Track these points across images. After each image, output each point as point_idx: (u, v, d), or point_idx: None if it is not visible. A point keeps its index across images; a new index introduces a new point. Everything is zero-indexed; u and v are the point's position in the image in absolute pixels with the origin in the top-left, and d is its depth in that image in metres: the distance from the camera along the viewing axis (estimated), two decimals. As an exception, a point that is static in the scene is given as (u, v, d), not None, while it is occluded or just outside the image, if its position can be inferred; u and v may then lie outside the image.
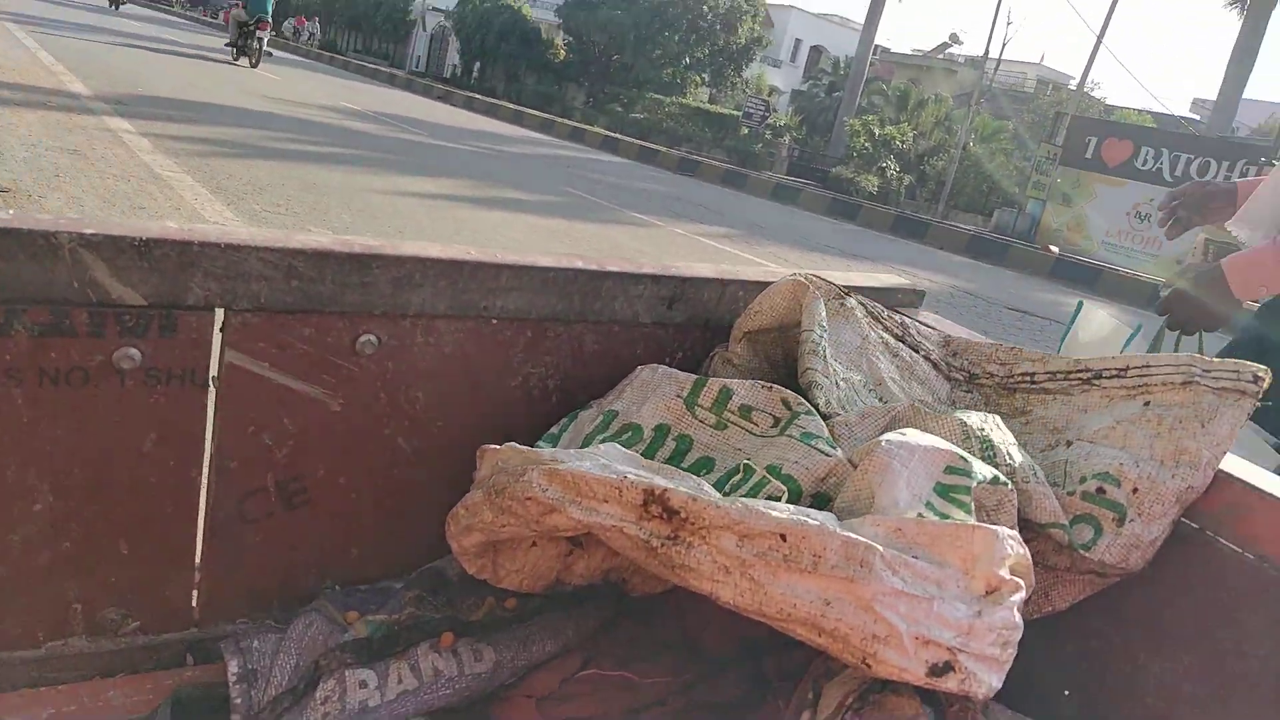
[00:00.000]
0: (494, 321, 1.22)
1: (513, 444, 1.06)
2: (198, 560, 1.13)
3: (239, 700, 1.00)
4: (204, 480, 1.10)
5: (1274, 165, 1.67)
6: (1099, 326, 1.98)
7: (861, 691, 0.93)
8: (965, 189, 25.25)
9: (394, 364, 1.17)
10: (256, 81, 17.11)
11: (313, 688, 1.00)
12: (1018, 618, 0.89)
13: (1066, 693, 1.22)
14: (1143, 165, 19.44)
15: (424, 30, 43.52)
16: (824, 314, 1.27)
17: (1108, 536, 1.08)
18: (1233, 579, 1.09)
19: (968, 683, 0.85)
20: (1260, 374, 1.14)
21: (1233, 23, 22.89)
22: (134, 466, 1.06)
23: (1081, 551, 1.08)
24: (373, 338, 1.15)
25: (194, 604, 1.15)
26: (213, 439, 1.09)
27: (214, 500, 1.11)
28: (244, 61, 19.41)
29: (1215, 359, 1.17)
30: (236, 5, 19.42)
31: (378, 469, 1.21)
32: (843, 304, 1.34)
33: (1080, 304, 2.09)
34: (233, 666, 1.03)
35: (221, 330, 1.07)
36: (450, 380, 1.22)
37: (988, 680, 0.87)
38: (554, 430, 1.26)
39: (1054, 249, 18.32)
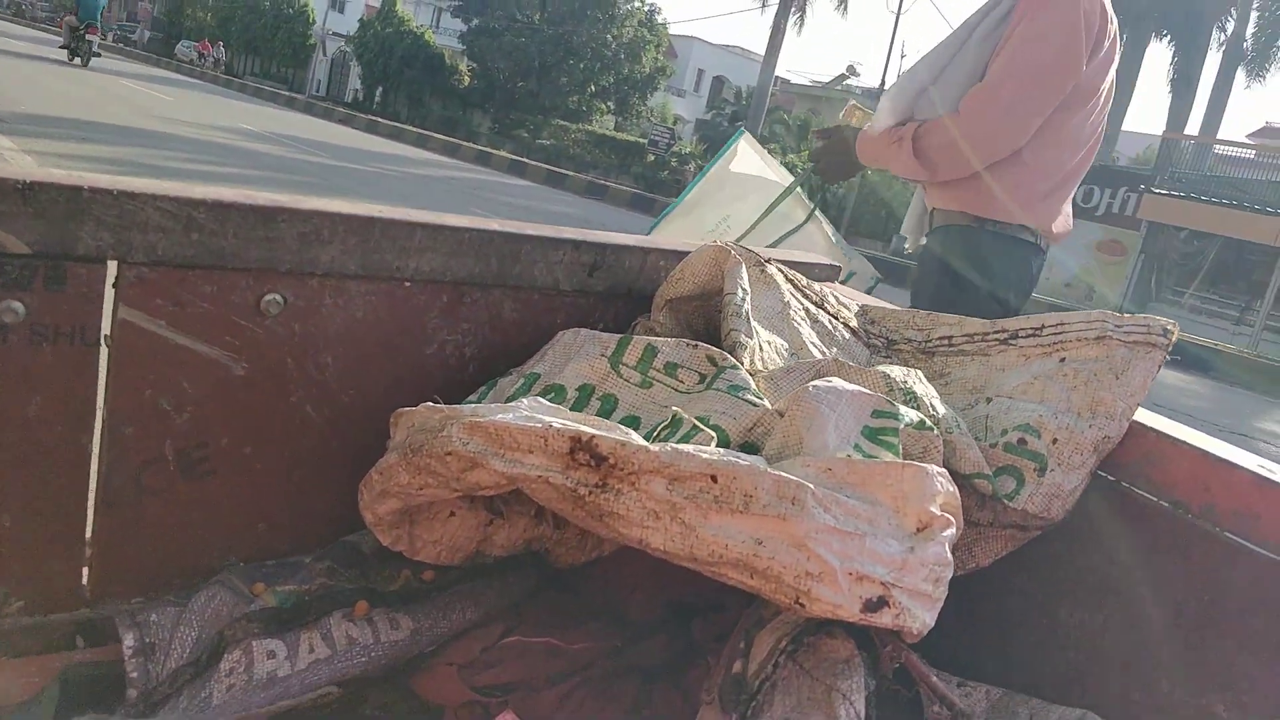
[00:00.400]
0: (408, 284, 1.17)
1: (429, 403, 1.02)
2: (89, 535, 1.05)
3: (135, 674, 0.93)
4: (95, 448, 1.02)
5: None
6: (750, 166, 2.53)
7: (795, 635, 0.91)
8: (865, 216, 25.95)
9: (301, 326, 1.12)
10: (149, 102, 16.54)
11: (216, 659, 0.93)
12: (949, 554, 0.89)
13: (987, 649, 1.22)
14: (1030, 192, 20.28)
15: (324, 55, 42.79)
16: (746, 279, 1.26)
17: (1029, 486, 1.10)
18: (1148, 527, 1.12)
19: (902, 617, 0.84)
20: (1169, 327, 1.17)
21: (1108, 59, 24.18)
22: (18, 432, 0.98)
23: (1005, 502, 1.09)
24: (278, 297, 1.09)
25: (85, 582, 1.06)
26: (105, 403, 1.02)
27: (107, 470, 1.03)
28: (77, 61, 20.38)
29: (1127, 314, 1.20)
30: (70, 13, 21.23)
31: (285, 438, 1.14)
32: (763, 271, 1.34)
33: (741, 131, 2.58)
34: (128, 640, 0.95)
35: (115, 285, 1.00)
36: (362, 345, 1.17)
37: (921, 616, 0.86)
38: (472, 399, 1.22)
39: (950, 271, 18.91)
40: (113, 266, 0.99)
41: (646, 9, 34.72)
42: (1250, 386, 12.66)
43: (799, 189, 2.51)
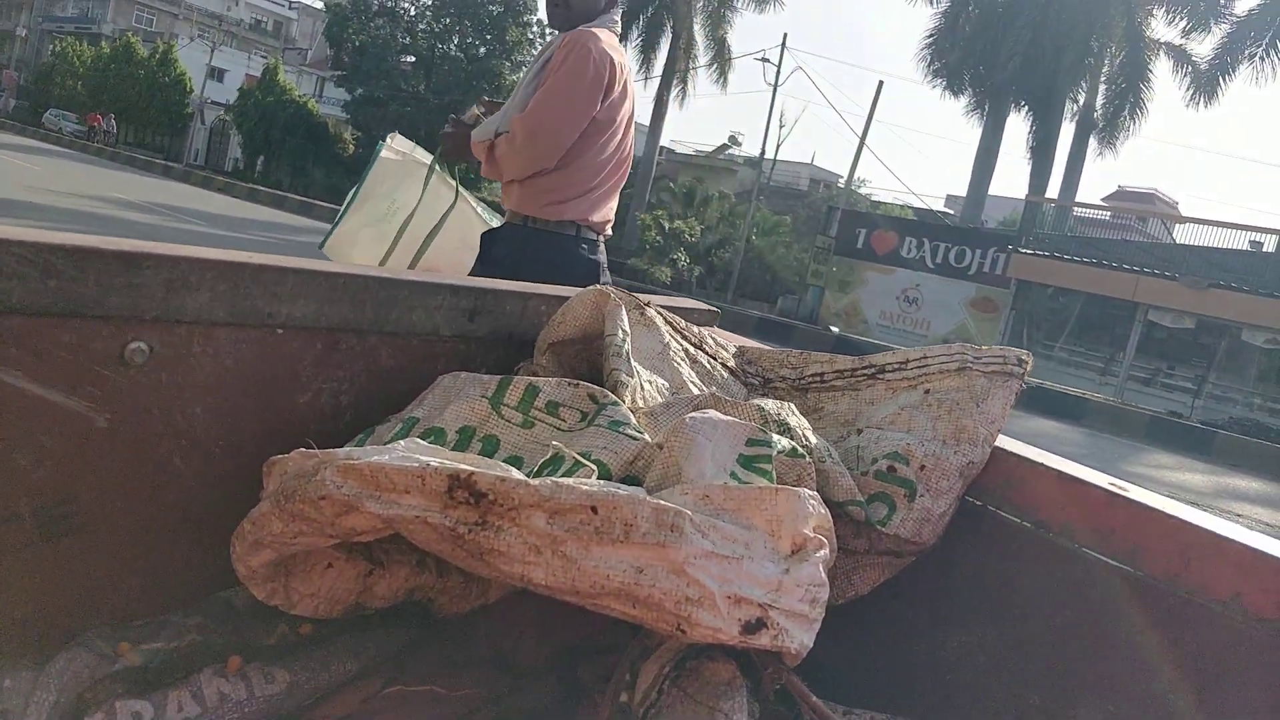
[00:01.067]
0: (280, 331, 1.15)
1: (302, 449, 1.00)
2: None
3: (-19, 745, 0.86)
4: None
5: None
6: (400, 156, 3.09)
7: (677, 661, 0.91)
8: (751, 278, 26.63)
9: (168, 375, 1.08)
10: (15, 171, 15.85)
11: (73, 724, 0.87)
12: (824, 575, 0.91)
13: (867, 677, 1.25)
14: (907, 254, 21.24)
15: (203, 124, 41.91)
16: (626, 321, 1.28)
17: (901, 512, 1.14)
18: (1015, 547, 1.17)
19: (780, 638, 0.86)
20: (1024, 357, 1.24)
21: (975, 129, 25.73)
22: None
23: (878, 528, 1.13)
24: (143, 345, 1.05)
25: None
26: None
27: None
28: None
29: (984, 346, 1.26)
30: None
31: (153, 492, 1.10)
32: (643, 314, 1.36)
33: (385, 142, 3.17)
34: (-27, 710, 0.89)
35: None
36: (232, 395, 1.14)
37: (799, 637, 0.88)
38: (348, 447, 1.20)
39: (834, 329, 19.55)
40: None
41: (533, 80, 35.21)
42: (1117, 433, 13.36)
43: (443, 169, 3.04)
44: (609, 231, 2.83)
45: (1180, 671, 1.01)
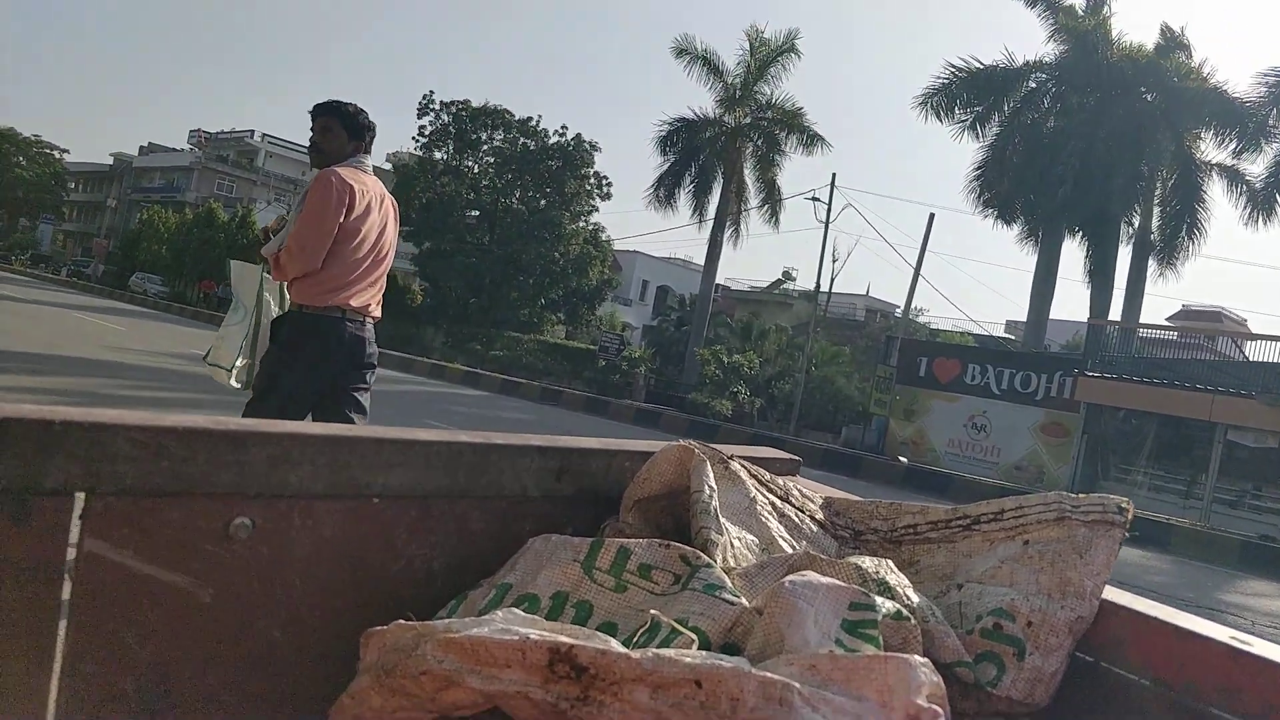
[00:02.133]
0: (376, 500, 1.17)
1: (401, 621, 1.00)
2: None
3: None
4: (53, 687, 0.98)
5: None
6: (244, 274, 4.36)
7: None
8: (813, 409, 26.51)
9: (269, 549, 1.10)
10: (100, 332, 16.67)
11: None
12: (941, 747, 0.87)
13: None
14: (971, 380, 20.99)
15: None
16: (711, 476, 1.28)
17: (1010, 672, 1.09)
18: (1133, 707, 1.10)
19: (901, 819, 0.82)
20: (1124, 505, 1.20)
21: (1030, 256, 25.80)
22: None
23: (988, 689, 1.08)
24: (247, 521, 1.08)
25: None
26: (65, 638, 0.98)
27: (63, 710, 0.98)
28: None
29: (1082, 495, 1.23)
30: None
31: (252, 665, 1.10)
32: (726, 468, 1.36)
33: (229, 263, 4.55)
34: None
35: (81, 516, 0.99)
36: (330, 566, 1.15)
37: (920, 815, 0.83)
38: (442, 614, 1.19)
39: (903, 459, 19.20)
40: (80, 498, 0.98)
41: (591, 228, 36.47)
42: (1207, 559, 12.73)
43: (264, 272, 4.13)
44: (376, 314, 3.79)
45: None
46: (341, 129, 3.73)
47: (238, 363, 4.18)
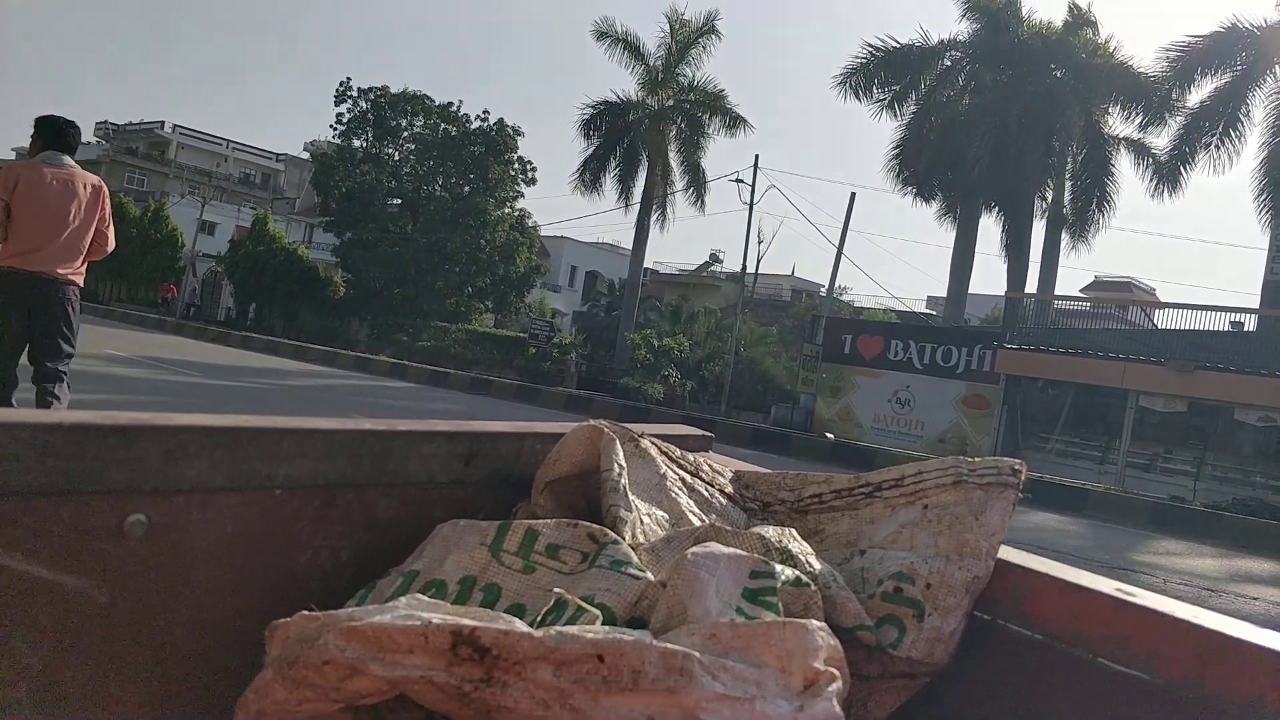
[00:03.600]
0: (278, 492, 1.15)
1: (304, 612, 0.99)
2: None
3: None
4: None
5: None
6: None
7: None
8: (743, 389, 26.77)
9: (168, 545, 1.08)
10: (5, 334, 16.01)
11: None
12: (838, 709, 0.89)
13: None
14: (894, 357, 21.44)
15: (194, 276, 42.63)
16: (621, 455, 1.29)
17: (911, 633, 1.12)
18: (1029, 661, 1.15)
19: (800, 779, 0.84)
20: (1017, 466, 1.25)
21: (949, 232, 26.35)
22: None
23: (890, 651, 1.11)
24: (142, 518, 1.05)
25: None
26: None
27: None
28: None
29: (978, 458, 1.27)
30: None
31: (154, 665, 1.08)
32: (637, 446, 1.37)
33: None
34: None
35: None
36: (233, 559, 1.13)
37: (819, 775, 0.85)
38: (350, 604, 1.18)
39: (830, 435, 19.54)
40: None
41: (517, 214, 36.18)
42: (1121, 521, 13.24)
43: None
44: (61, 273, 5.21)
45: None
46: (37, 135, 5.31)
47: None
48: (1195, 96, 22.73)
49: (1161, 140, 23.93)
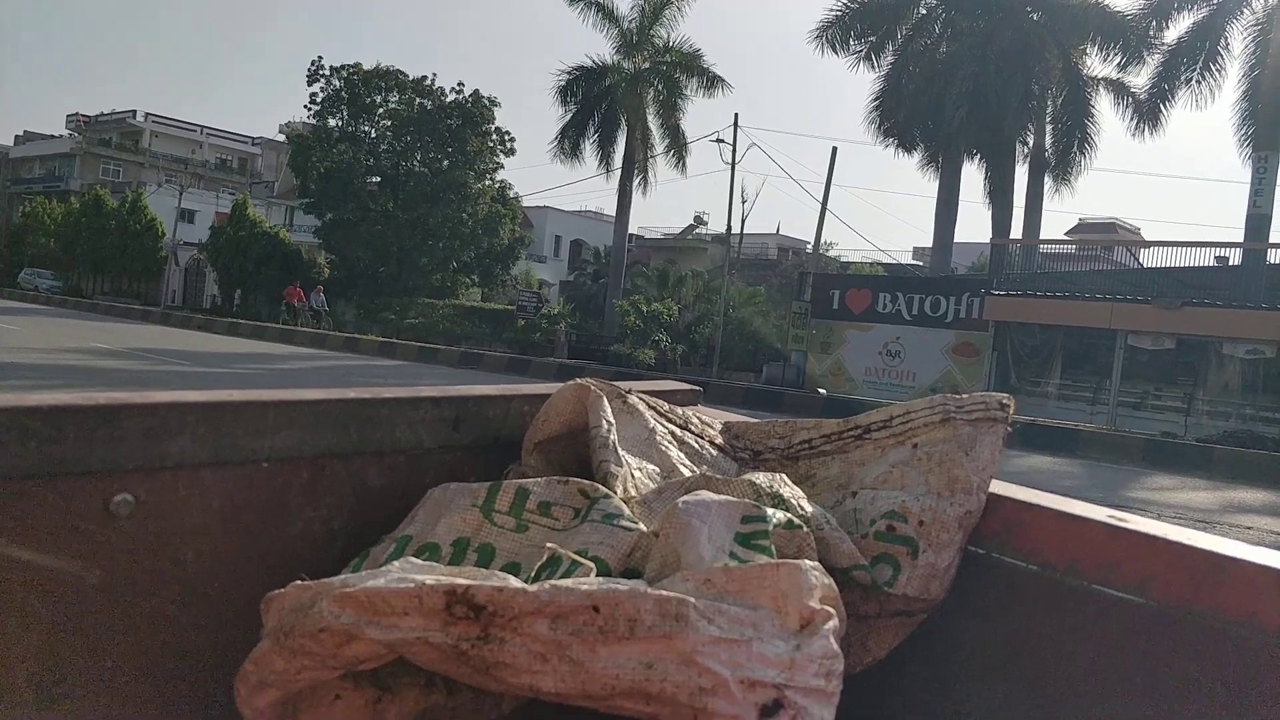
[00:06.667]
0: (265, 465, 1.15)
1: (298, 582, 0.99)
2: None
3: None
4: None
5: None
6: None
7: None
8: (734, 350, 26.79)
9: (156, 523, 1.07)
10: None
11: None
12: (835, 646, 0.90)
13: None
14: (883, 309, 21.43)
15: (178, 265, 42.29)
16: (609, 411, 1.28)
17: (905, 570, 1.13)
18: (1024, 592, 1.15)
19: (800, 717, 0.84)
20: (1005, 401, 1.25)
21: (932, 182, 26.27)
22: None
23: (886, 589, 1.12)
24: (128, 497, 1.05)
25: None
26: None
27: None
28: None
29: (965, 395, 1.27)
30: None
31: (150, 643, 1.08)
32: (625, 402, 1.37)
33: None
34: None
35: None
36: (223, 534, 1.13)
37: (819, 713, 0.86)
38: (345, 572, 1.18)
39: (822, 391, 19.60)
40: None
41: (498, 186, 35.91)
42: (1114, 460, 13.34)
43: None
44: None
45: (1207, 697, 0.99)
46: None
47: None
48: (1173, 33, 22.64)
49: (1141, 79, 23.83)
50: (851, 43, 25.79)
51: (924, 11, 25.61)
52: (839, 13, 25.52)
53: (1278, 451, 14.45)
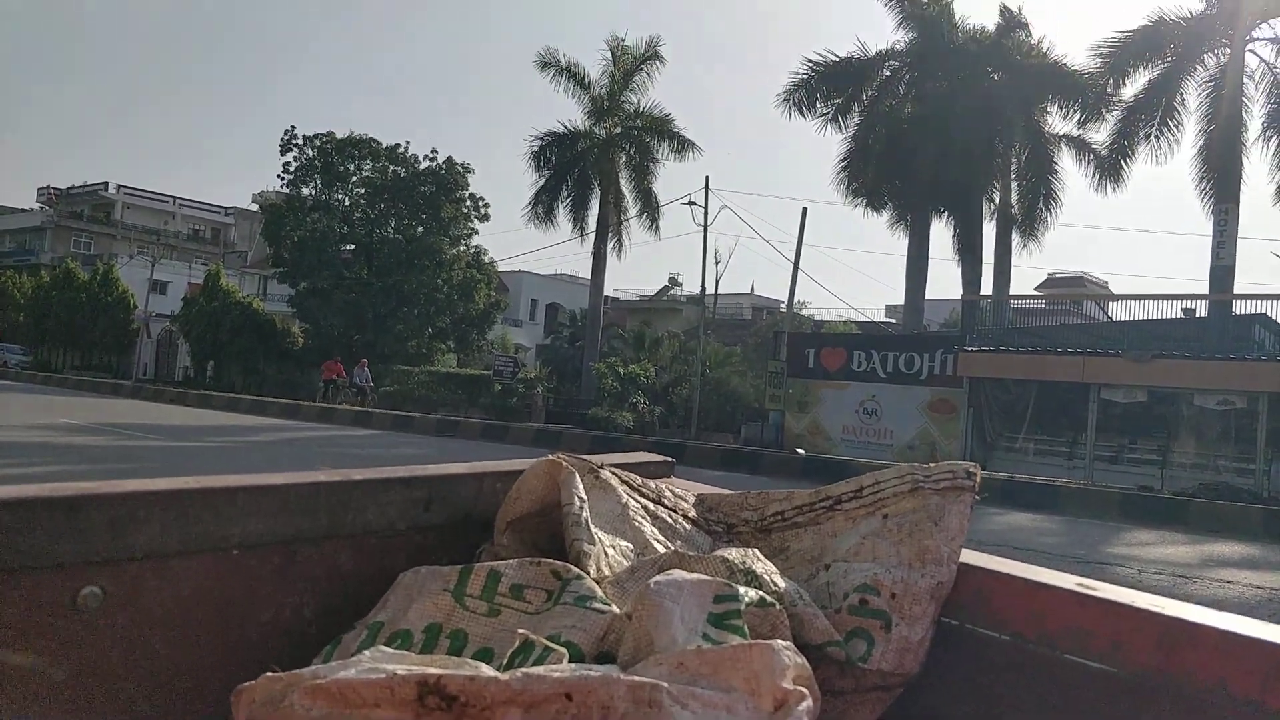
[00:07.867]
0: (235, 552, 1.14)
1: (268, 674, 0.97)
2: None
3: None
4: None
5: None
6: None
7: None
8: (711, 411, 26.82)
9: (125, 615, 1.06)
10: (-43, 410, 15.66)
11: None
12: (810, 727, 0.89)
13: None
14: (858, 367, 21.59)
15: (149, 337, 42.00)
16: (581, 487, 1.28)
17: (879, 645, 1.13)
18: (995, 663, 1.16)
19: (777, 802, 0.83)
20: (971, 469, 1.26)
21: (902, 240, 26.69)
22: None
23: (860, 664, 1.11)
24: (96, 589, 1.03)
25: None
26: None
27: None
28: None
29: (932, 464, 1.28)
30: None
31: None
32: (597, 478, 1.37)
33: None
34: None
35: None
36: (193, 624, 1.11)
37: (796, 796, 0.85)
38: (316, 661, 1.16)
39: (800, 451, 19.60)
40: None
41: (473, 251, 36.13)
42: (1094, 515, 13.38)
43: None
44: None
45: None
46: None
47: None
48: (1130, 90, 23.31)
49: (1101, 135, 24.48)
50: (818, 105, 26.38)
51: (888, 73, 26.29)
52: (805, 75, 26.15)
53: (1252, 503, 14.57)
